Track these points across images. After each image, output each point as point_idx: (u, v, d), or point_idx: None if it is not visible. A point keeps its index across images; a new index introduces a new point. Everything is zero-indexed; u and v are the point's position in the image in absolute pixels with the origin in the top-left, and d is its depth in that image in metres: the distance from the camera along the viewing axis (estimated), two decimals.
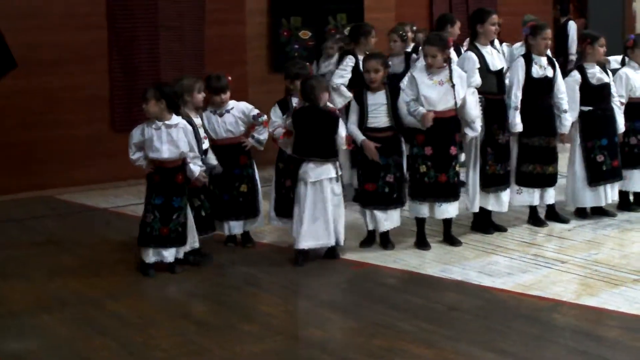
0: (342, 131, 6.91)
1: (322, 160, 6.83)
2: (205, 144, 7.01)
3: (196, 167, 6.72)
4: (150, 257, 6.70)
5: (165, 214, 6.66)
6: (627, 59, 8.35)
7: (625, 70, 8.24)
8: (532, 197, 7.85)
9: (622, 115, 8.09)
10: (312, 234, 6.84)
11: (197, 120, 6.97)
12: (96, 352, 5.27)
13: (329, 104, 7.05)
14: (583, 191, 8.00)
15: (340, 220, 6.98)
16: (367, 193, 7.22)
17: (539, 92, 7.66)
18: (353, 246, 7.35)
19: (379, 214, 7.20)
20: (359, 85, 7.48)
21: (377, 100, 7.12)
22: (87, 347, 5.34)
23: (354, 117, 7.22)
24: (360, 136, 7.12)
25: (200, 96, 7.00)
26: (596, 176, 7.96)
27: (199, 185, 6.84)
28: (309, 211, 6.82)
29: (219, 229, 7.36)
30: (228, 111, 7.25)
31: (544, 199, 7.91)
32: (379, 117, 7.13)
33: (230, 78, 7.28)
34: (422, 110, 7.00)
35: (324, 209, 6.84)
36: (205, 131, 7.11)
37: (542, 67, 7.66)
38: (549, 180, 7.84)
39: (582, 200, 8.05)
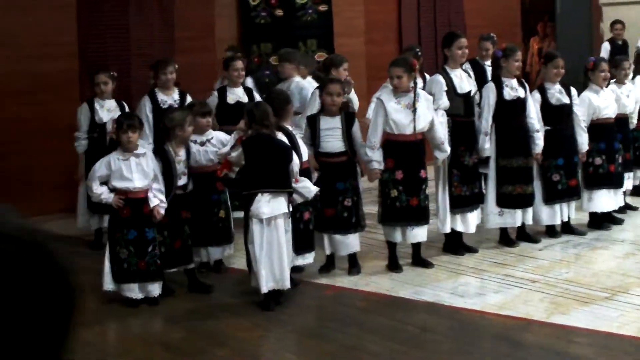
0: (297, 160, 6.52)
1: (276, 191, 6.36)
2: (183, 180, 6.85)
3: (155, 200, 6.58)
4: (137, 293, 6.56)
5: (140, 248, 6.55)
6: (589, 82, 8.37)
7: (588, 94, 8.29)
8: (514, 218, 7.89)
9: (586, 135, 8.13)
10: (272, 276, 6.33)
11: (181, 157, 6.83)
12: None
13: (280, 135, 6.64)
14: (539, 209, 8.06)
15: (288, 261, 6.47)
16: (325, 218, 7.10)
17: (513, 113, 7.73)
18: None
19: (338, 237, 7.12)
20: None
21: (332, 125, 7.07)
22: None
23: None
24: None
25: (190, 129, 6.84)
26: (551, 195, 8.04)
27: (157, 218, 6.58)
28: (266, 251, 6.31)
29: (196, 255, 7.16)
30: (209, 140, 7.23)
31: (524, 219, 7.95)
32: (332, 142, 7.07)
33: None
34: (375, 166, 7.01)
35: (278, 250, 6.32)
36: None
37: (513, 89, 7.74)
38: (529, 200, 7.89)
39: (538, 218, 8.10)
